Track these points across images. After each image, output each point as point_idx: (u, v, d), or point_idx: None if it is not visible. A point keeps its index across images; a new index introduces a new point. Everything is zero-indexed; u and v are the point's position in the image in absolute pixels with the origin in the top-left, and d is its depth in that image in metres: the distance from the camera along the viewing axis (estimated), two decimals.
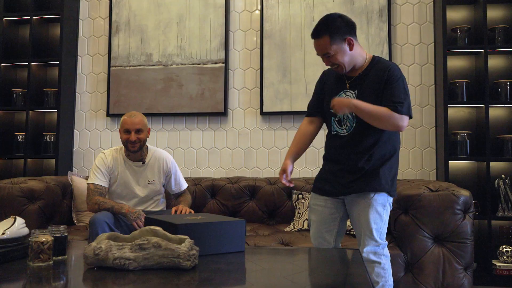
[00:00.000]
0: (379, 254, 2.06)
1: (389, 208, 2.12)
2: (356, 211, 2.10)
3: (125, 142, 2.70)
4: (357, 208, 2.09)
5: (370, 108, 1.98)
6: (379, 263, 2.06)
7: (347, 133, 2.11)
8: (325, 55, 2.06)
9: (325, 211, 2.18)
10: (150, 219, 1.87)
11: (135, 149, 2.71)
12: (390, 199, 2.13)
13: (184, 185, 2.96)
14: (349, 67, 2.10)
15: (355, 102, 1.99)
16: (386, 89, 2.02)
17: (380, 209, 2.07)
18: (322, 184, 2.20)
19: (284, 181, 2.15)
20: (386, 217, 2.10)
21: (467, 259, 2.57)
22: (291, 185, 2.18)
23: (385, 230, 2.12)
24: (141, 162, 2.80)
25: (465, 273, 2.57)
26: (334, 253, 1.89)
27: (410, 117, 2.03)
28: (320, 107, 2.26)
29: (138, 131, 2.68)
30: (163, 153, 2.90)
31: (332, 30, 2.02)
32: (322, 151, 3.17)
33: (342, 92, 2.14)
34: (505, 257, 3.01)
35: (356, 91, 2.09)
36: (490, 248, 3.12)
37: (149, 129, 2.80)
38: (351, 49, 2.05)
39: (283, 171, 2.16)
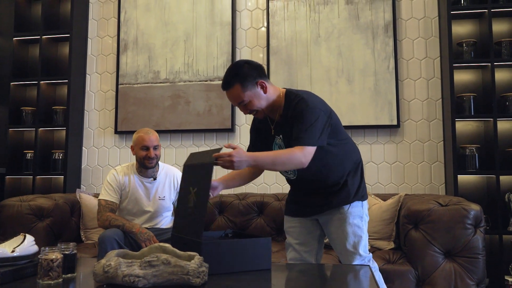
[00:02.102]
0: None
1: (366, 218, 2.09)
2: (333, 228, 2.07)
3: (143, 159, 2.74)
4: (333, 225, 2.06)
5: (270, 158, 1.86)
6: None
7: (295, 177, 2.07)
8: (241, 104, 1.97)
9: (302, 231, 2.16)
10: (175, 237, 1.84)
11: (152, 166, 2.76)
12: (365, 203, 2.10)
13: None
14: (268, 111, 2.02)
15: (254, 156, 1.83)
16: (294, 126, 1.93)
17: (358, 221, 2.04)
18: (294, 206, 2.18)
19: None
20: (365, 227, 2.07)
21: (479, 274, 2.53)
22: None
23: (367, 241, 2.08)
24: (153, 178, 2.82)
25: None
26: (341, 269, 1.87)
27: (320, 145, 1.92)
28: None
29: (155, 147, 2.75)
30: (173, 170, 2.94)
31: (242, 77, 1.93)
32: None
33: (275, 139, 2.07)
34: None
35: (281, 135, 2.03)
36: (502, 264, 3.07)
37: (160, 145, 2.87)
38: (265, 91, 1.97)
39: (212, 188, 1.99)
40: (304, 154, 1.85)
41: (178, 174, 2.93)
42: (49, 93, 3.98)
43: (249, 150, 2.22)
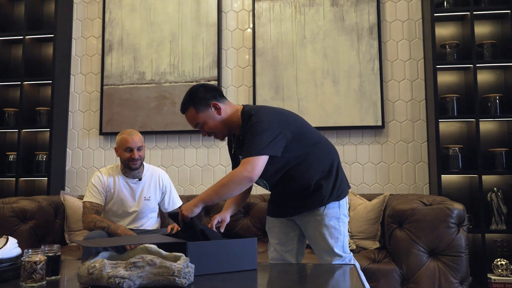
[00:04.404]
0: None
1: (344, 219, 2.06)
2: (310, 230, 2.07)
3: (127, 161, 2.73)
4: (310, 226, 2.06)
5: (212, 190, 1.87)
6: None
7: (269, 187, 2.10)
8: (197, 126, 2.02)
9: (282, 231, 2.17)
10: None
11: (136, 167, 2.75)
12: (342, 203, 2.07)
13: (178, 203, 2.95)
14: (226, 131, 2.05)
15: (200, 197, 1.87)
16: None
17: (334, 222, 2.02)
18: (273, 207, 2.19)
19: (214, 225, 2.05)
20: (343, 228, 2.05)
21: (462, 272, 2.56)
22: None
23: (347, 241, 2.08)
24: (138, 179, 2.81)
25: (461, 287, 2.56)
26: (327, 268, 1.89)
27: (270, 154, 1.88)
28: None
29: (139, 148, 2.73)
30: (158, 170, 2.94)
31: (195, 100, 1.99)
32: None
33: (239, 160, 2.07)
34: (500, 270, 3.01)
35: (241, 156, 2.01)
36: (485, 262, 3.12)
37: (145, 146, 2.85)
38: (219, 113, 2.00)
39: (222, 220, 2.10)
40: (246, 168, 1.82)
41: (163, 174, 2.92)
42: (33, 94, 3.93)
43: (233, 167, 2.23)
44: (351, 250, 2.21)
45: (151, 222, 2.87)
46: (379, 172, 3.57)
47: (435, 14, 3.40)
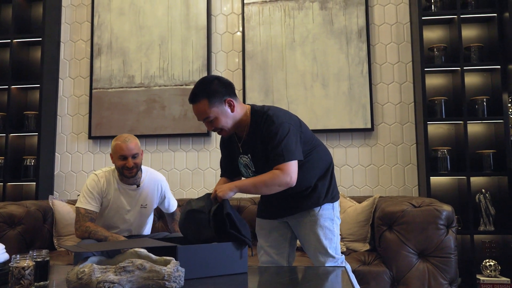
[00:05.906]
0: None
1: (337, 221, 2.09)
2: (304, 231, 2.07)
3: (121, 169, 2.56)
4: (304, 227, 2.06)
5: (251, 182, 1.90)
6: None
7: None
8: (206, 120, 1.94)
9: (273, 234, 2.17)
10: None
11: (132, 175, 2.59)
12: (336, 205, 2.10)
13: (175, 204, 2.91)
14: (233, 129, 2.01)
15: (236, 184, 1.90)
16: (268, 146, 1.92)
17: (329, 224, 2.04)
18: (265, 208, 2.18)
19: None
20: (336, 230, 2.07)
21: (451, 273, 2.58)
22: None
23: (339, 243, 2.09)
24: (136, 186, 2.68)
25: None
26: (317, 271, 1.89)
27: (299, 159, 1.91)
28: (231, 168, 2.18)
29: (134, 156, 2.56)
30: (158, 176, 2.80)
31: (210, 92, 1.90)
32: None
33: (239, 158, 2.07)
34: (488, 271, 3.04)
35: (249, 155, 2.02)
36: (473, 263, 3.14)
37: (142, 151, 2.69)
38: (232, 110, 1.95)
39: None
40: (286, 173, 1.86)
41: (162, 180, 2.80)
42: (20, 98, 3.89)
43: (222, 164, 2.21)
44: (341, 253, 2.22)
45: (144, 227, 2.82)
46: (368, 174, 3.59)
47: (423, 18, 3.44)
